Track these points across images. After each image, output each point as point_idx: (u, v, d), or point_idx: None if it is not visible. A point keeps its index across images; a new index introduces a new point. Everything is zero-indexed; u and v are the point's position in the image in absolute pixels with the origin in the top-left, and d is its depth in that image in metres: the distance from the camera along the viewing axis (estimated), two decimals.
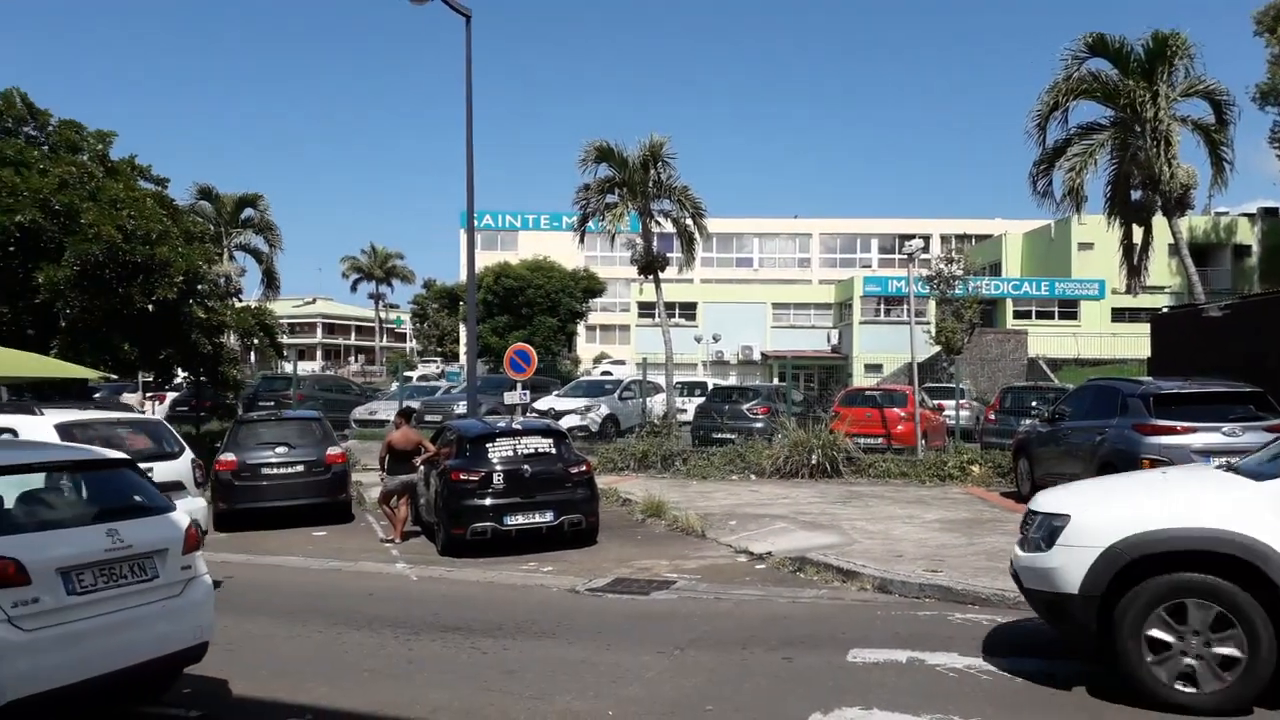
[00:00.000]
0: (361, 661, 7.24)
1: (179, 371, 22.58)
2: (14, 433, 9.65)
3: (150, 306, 17.85)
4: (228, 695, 6.43)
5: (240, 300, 31.09)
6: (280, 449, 14.39)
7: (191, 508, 9.48)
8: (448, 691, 6.43)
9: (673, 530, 13.08)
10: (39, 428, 10.04)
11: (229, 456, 14.18)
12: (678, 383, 27.19)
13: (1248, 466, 6.18)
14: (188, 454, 11.18)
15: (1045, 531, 6.15)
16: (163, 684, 6.02)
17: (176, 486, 9.98)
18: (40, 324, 17.63)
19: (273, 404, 25.40)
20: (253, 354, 37.24)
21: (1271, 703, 5.56)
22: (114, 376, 21.04)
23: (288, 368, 33.56)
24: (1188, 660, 5.58)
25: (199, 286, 20.03)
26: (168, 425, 12.34)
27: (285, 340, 40.90)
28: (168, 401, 30.23)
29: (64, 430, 10.12)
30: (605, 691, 6.39)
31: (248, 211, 47.23)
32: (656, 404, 24.35)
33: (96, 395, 16.35)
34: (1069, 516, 6.05)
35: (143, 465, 7.27)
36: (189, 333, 19.47)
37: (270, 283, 47.88)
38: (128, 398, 18.52)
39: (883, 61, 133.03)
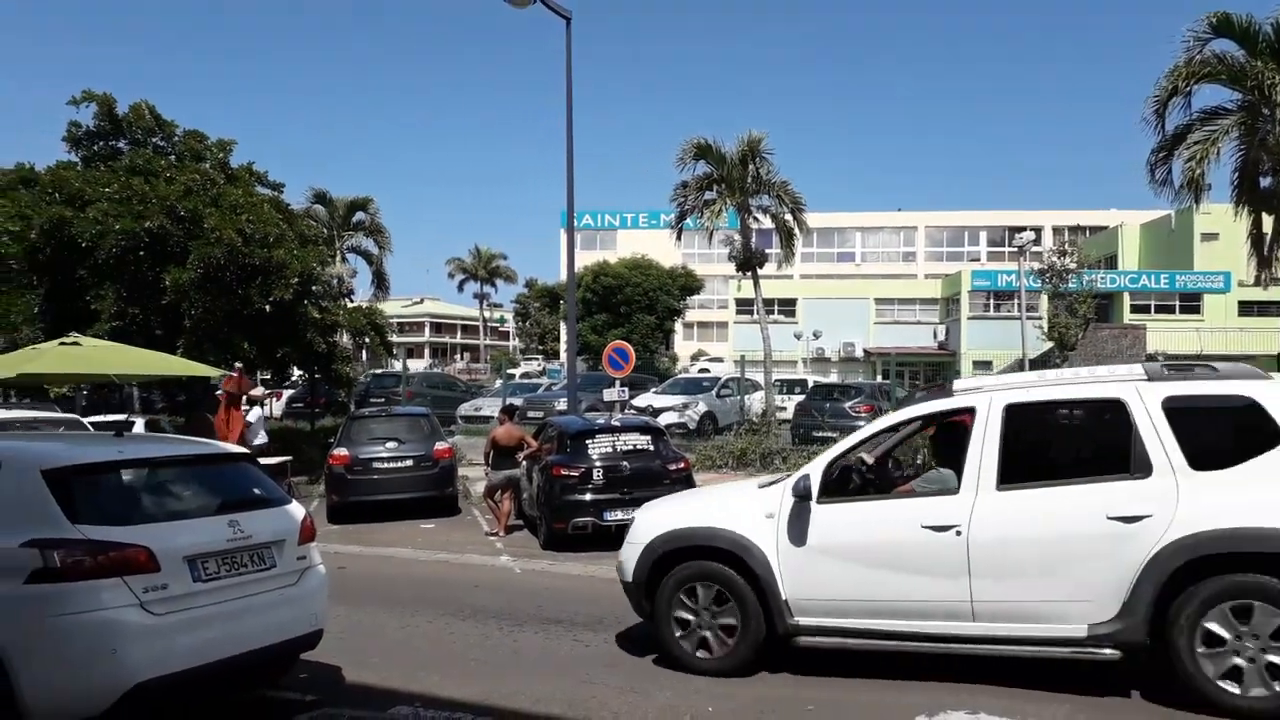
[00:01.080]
0: (468, 651, 7.43)
1: (295, 369, 23.50)
2: None
3: (268, 307, 18.63)
4: (341, 681, 6.67)
5: (352, 300, 32.15)
6: (390, 444, 14.83)
7: None
8: (551, 683, 6.54)
9: None
10: None
11: (342, 451, 14.69)
12: (777, 380, 26.95)
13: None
14: None
15: (627, 531, 7.40)
16: (280, 669, 6.27)
17: None
18: (168, 324, 18.59)
19: (383, 401, 26.20)
20: (364, 352, 38.46)
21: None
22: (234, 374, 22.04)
23: (397, 366, 34.54)
24: (703, 632, 6.77)
25: (313, 287, 20.79)
26: (84, 422, 13.39)
27: (395, 339, 42.06)
28: (284, 398, 31.51)
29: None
30: (705, 688, 6.40)
31: (359, 215, 48.79)
32: (755, 401, 24.17)
33: (218, 393, 17.17)
34: (635, 519, 7.44)
35: None
36: (304, 332, 20.24)
37: (380, 283, 49.37)
38: (258, 391, 19.36)
39: (988, 48, 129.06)
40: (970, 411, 6.34)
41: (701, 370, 41.39)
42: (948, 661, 6.28)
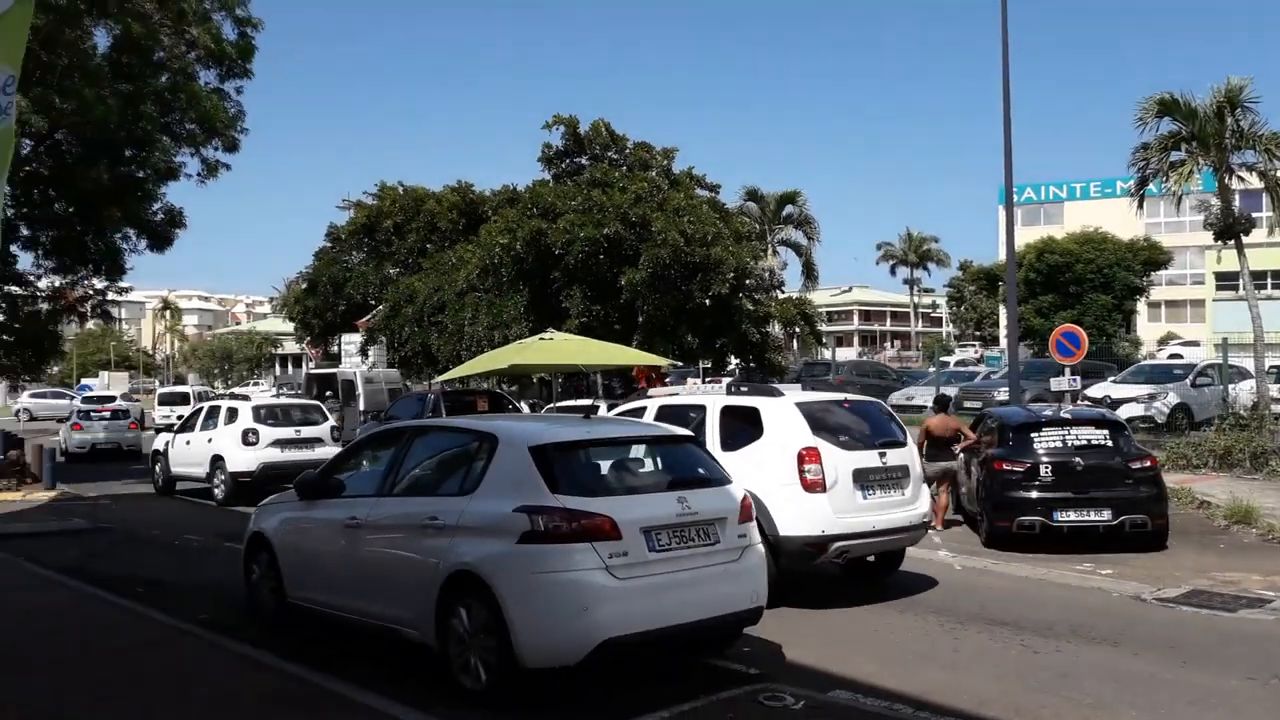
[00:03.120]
0: (907, 644, 7.29)
1: (732, 358, 24.77)
2: (246, 398, 18.79)
3: (707, 301, 19.88)
4: (781, 659, 6.88)
5: (783, 292, 33.13)
6: None
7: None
8: (996, 685, 6.20)
9: (1267, 540, 11.12)
10: (246, 409, 17.31)
11: None
12: (1271, 367, 22.95)
13: None
14: (328, 423, 18.32)
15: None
16: (725, 640, 6.62)
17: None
18: (624, 319, 20.61)
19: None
20: (794, 341, 39.48)
21: None
22: (680, 364, 23.79)
23: (826, 354, 34.97)
24: None
25: (747, 281, 21.79)
26: (321, 407, 19.16)
27: (824, 328, 42.66)
28: (723, 385, 33.30)
29: (255, 412, 17.25)
30: (1179, 712, 5.67)
31: (788, 208, 50.00)
32: (1242, 392, 20.81)
33: (668, 380, 18.70)
34: None
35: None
36: (740, 323, 21.29)
37: (809, 274, 50.19)
38: (692, 383, 20.87)
39: None
40: (644, 408, 9.48)
41: (1172, 356, 36.55)
42: None
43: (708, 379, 24.85)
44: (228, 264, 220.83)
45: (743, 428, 8.65)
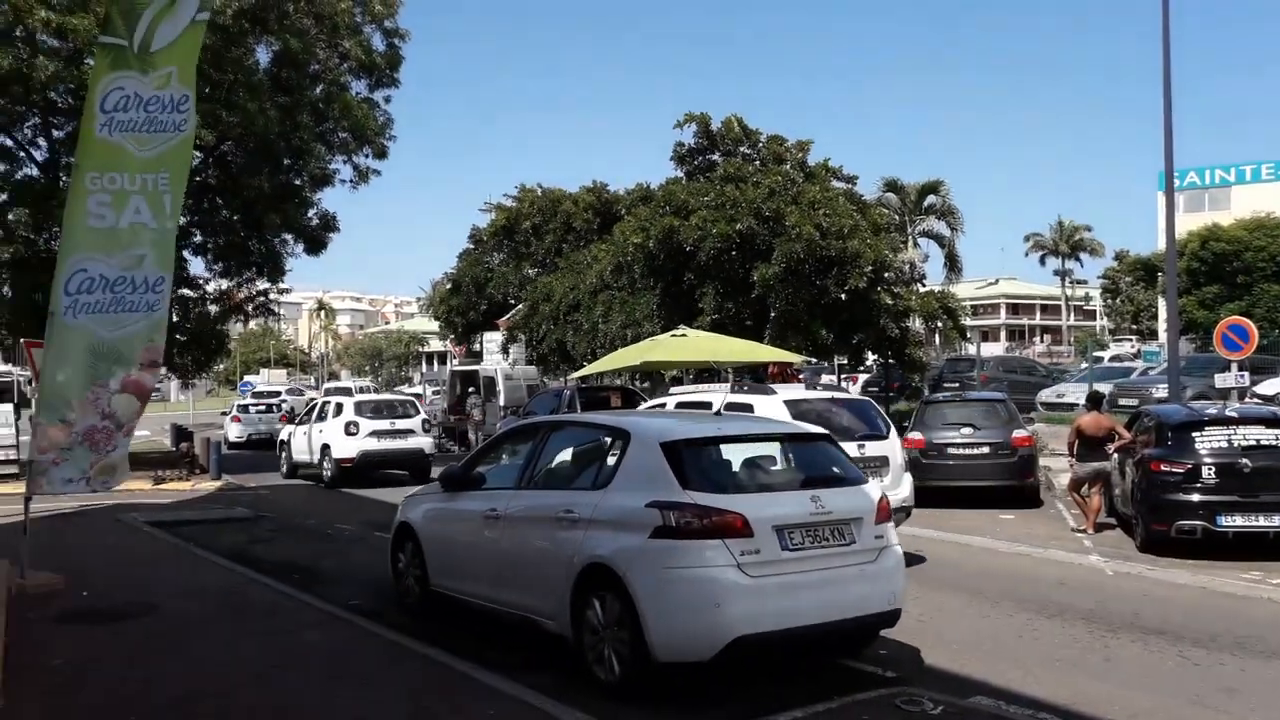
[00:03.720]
0: (1053, 651, 6.99)
1: (869, 355, 24.22)
2: (349, 393, 20.60)
3: (843, 296, 19.50)
4: (919, 663, 6.71)
5: (924, 285, 32.19)
6: (965, 430, 14.54)
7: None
8: (1151, 697, 5.88)
9: None
10: (349, 404, 19.57)
11: (916, 435, 14.74)
12: None
13: None
14: (420, 416, 20.38)
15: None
16: (861, 642, 6.50)
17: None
18: (756, 315, 20.46)
19: (957, 385, 25.76)
20: (936, 336, 38.32)
21: None
22: (814, 360, 23.45)
23: (971, 349, 33.78)
24: None
25: (885, 274, 21.23)
26: (414, 402, 21.18)
27: (968, 322, 41.14)
28: (860, 383, 32.67)
29: (356, 406, 19.44)
30: None
31: (930, 198, 48.52)
32: None
33: (801, 376, 18.47)
34: None
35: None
36: (877, 318, 20.77)
37: (952, 266, 48.54)
38: (827, 379, 20.55)
39: None
40: (665, 403, 11.78)
41: None
42: None
43: (844, 376, 24.47)
44: (378, 266, 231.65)
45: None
